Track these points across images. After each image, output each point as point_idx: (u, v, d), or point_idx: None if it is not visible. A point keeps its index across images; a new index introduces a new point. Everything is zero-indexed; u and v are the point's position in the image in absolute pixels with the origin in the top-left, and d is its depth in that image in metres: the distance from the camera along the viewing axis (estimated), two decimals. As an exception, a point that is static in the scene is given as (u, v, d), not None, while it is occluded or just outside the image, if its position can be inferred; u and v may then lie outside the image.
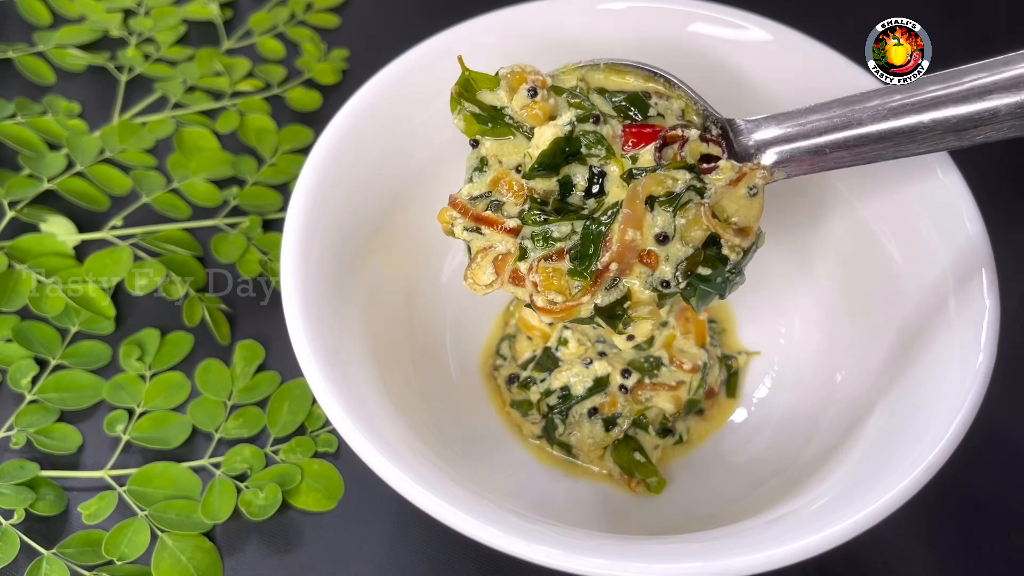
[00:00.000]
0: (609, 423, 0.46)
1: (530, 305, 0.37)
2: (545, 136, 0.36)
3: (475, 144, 0.37)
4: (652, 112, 0.38)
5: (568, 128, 0.36)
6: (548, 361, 0.48)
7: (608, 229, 0.35)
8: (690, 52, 0.47)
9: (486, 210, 0.36)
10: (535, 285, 0.36)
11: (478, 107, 0.37)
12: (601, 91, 0.38)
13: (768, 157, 0.37)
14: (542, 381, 0.47)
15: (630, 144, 0.36)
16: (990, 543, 0.46)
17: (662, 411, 0.46)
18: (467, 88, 0.37)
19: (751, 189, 0.36)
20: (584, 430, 0.46)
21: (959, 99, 0.34)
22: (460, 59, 0.36)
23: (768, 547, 0.32)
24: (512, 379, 0.49)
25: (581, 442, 0.46)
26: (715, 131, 0.38)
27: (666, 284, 0.36)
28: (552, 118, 0.36)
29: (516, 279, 0.36)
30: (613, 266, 0.35)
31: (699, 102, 0.38)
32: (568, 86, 0.38)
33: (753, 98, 0.46)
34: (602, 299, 0.36)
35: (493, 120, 0.37)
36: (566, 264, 0.36)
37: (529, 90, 0.36)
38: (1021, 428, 0.49)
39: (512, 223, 0.36)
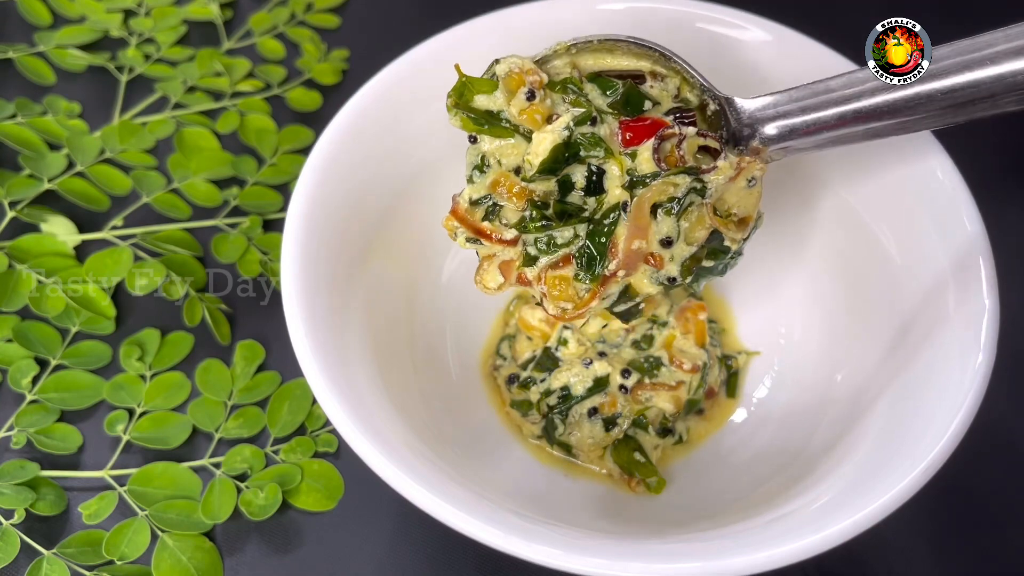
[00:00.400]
0: (609, 423, 0.46)
1: (540, 303, 0.38)
2: (544, 145, 0.35)
3: (473, 140, 0.37)
4: (648, 105, 0.37)
5: (566, 133, 0.36)
6: (548, 361, 0.48)
7: (612, 234, 0.36)
8: (690, 52, 0.47)
9: (485, 217, 0.37)
10: (543, 295, 0.37)
11: (474, 113, 0.37)
12: (595, 78, 0.37)
13: (768, 130, 0.37)
14: (542, 381, 0.47)
15: (628, 136, 0.36)
16: (990, 543, 0.46)
17: (662, 411, 0.46)
18: (462, 95, 0.36)
19: (750, 181, 0.36)
20: (584, 430, 0.46)
21: (957, 70, 0.34)
22: (457, 67, 0.36)
23: (768, 547, 0.32)
24: (512, 379, 0.49)
25: (581, 442, 0.46)
26: (712, 107, 0.38)
27: (672, 280, 0.37)
28: (549, 118, 0.36)
29: (523, 281, 0.37)
30: (620, 272, 0.36)
31: (696, 77, 0.38)
32: (562, 76, 0.37)
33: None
34: (619, 308, 0.38)
35: (489, 122, 0.37)
36: (572, 270, 0.37)
37: (527, 93, 0.36)
38: (1021, 428, 0.49)
39: (509, 234, 0.36)
